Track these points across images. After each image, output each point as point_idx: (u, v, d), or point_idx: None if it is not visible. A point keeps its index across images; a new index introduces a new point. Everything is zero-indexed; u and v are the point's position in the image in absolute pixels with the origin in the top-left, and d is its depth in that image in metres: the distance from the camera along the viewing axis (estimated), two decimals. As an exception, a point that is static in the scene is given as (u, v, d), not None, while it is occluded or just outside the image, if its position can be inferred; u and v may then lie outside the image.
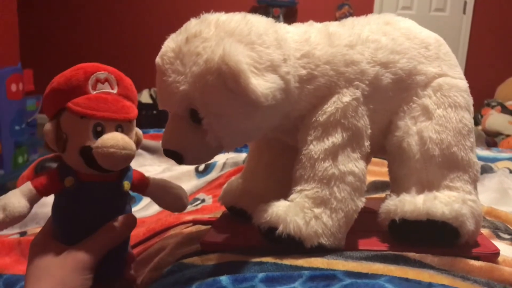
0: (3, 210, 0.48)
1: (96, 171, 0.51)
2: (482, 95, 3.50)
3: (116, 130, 0.51)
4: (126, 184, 0.54)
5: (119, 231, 0.53)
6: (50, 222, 0.55)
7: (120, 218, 0.54)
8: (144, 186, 0.57)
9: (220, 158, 1.18)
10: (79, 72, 0.51)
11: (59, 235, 0.53)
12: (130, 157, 0.50)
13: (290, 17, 4.12)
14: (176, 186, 0.59)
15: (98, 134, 0.50)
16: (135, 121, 0.55)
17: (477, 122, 3.20)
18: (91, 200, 0.52)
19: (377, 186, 0.93)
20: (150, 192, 0.58)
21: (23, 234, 0.90)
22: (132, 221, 0.55)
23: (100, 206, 0.53)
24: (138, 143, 0.56)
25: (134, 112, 0.53)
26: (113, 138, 0.49)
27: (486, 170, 1.12)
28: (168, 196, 0.58)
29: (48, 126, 0.51)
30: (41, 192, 0.51)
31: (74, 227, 0.53)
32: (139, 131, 0.57)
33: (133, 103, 0.54)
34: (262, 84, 0.51)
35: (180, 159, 0.56)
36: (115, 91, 0.52)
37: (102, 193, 0.53)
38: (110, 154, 0.48)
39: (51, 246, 0.52)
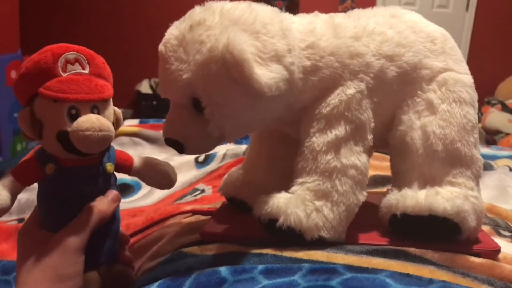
0: None
1: (76, 155, 0.50)
2: (483, 93, 3.49)
3: (92, 111, 0.49)
4: (109, 166, 0.53)
5: (101, 209, 0.51)
6: (36, 210, 0.54)
7: (101, 196, 0.53)
8: (129, 165, 0.56)
9: (220, 149, 1.18)
10: (47, 54, 0.49)
11: (46, 222, 0.52)
12: (108, 138, 0.48)
13: (293, 11, 4.09)
14: (162, 163, 0.58)
15: (73, 117, 0.48)
16: (111, 100, 0.53)
17: (477, 120, 3.19)
18: (74, 185, 0.51)
19: (378, 181, 0.92)
20: (136, 171, 0.57)
21: (21, 220, 0.90)
22: (113, 197, 0.53)
23: (84, 190, 0.52)
24: (117, 122, 0.55)
25: (108, 90, 0.51)
26: (88, 121, 0.47)
27: (485, 167, 1.11)
28: (155, 174, 0.57)
29: (22, 114, 0.49)
30: (22, 182, 0.50)
31: (59, 214, 0.51)
32: (118, 110, 0.55)
33: (107, 81, 0.52)
34: (266, 74, 0.50)
35: (181, 149, 0.56)
36: (86, 71, 0.50)
37: (84, 177, 0.52)
38: (87, 137, 0.47)
39: (38, 235, 0.51)
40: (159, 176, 0.58)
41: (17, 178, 0.50)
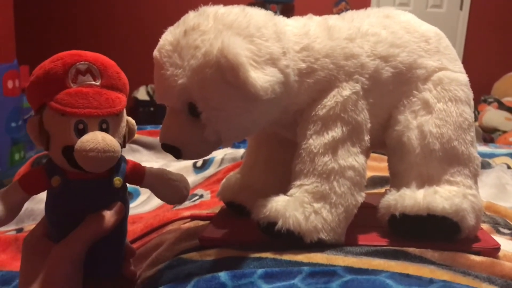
0: None
1: (81, 171, 0.48)
2: (479, 91, 3.50)
3: (101, 126, 0.48)
4: (117, 180, 0.51)
5: (100, 221, 0.50)
6: (44, 219, 0.53)
7: (104, 209, 0.51)
8: (140, 177, 0.54)
9: (218, 154, 1.18)
10: (57, 64, 0.47)
11: (51, 232, 0.52)
12: (112, 159, 0.47)
13: (287, 14, 4.10)
14: (175, 177, 0.56)
15: (80, 132, 0.47)
16: (124, 112, 0.51)
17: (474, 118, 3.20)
18: (80, 198, 0.50)
19: (376, 181, 0.92)
20: (147, 183, 0.55)
21: (19, 230, 0.90)
22: (117, 209, 0.52)
23: (90, 203, 0.51)
24: (131, 132, 0.53)
25: (120, 104, 0.49)
26: (92, 141, 0.45)
27: (484, 165, 1.11)
28: (167, 189, 0.56)
29: (31, 122, 0.48)
30: (28, 191, 0.49)
31: (63, 226, 0.50)
32: (131, 120, 0.53)
33: (120, 92, 0.50)
34: (261, 78, 0.50)
35: (178, 154, 0.55)
36: (97, 82, 0.48)
37: (91, 190, 0.51)
38: (90, 158, 0.45)
39: (42, 244, 0.51)
40: (171, 191, 0.56)
41: (23, 187, 0.49)
